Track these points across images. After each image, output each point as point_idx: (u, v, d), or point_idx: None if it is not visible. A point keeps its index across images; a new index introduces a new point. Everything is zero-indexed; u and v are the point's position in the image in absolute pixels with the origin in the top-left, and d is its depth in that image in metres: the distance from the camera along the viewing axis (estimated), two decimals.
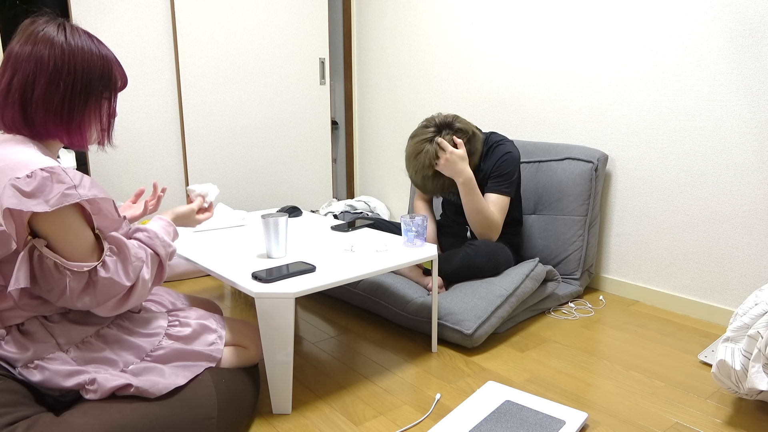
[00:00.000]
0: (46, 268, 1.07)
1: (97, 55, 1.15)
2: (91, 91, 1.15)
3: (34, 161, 1.06)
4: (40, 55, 1.09)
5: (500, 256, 2.00)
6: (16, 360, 1.11)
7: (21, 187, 1.01)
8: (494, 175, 2.03)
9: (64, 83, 1.11)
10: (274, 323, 1.35)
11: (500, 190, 2.02)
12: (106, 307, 1.14)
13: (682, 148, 2.06)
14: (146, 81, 2.65)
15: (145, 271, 1.19)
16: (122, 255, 1.14)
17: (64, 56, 1.11)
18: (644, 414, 1.44)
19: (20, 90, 1.10)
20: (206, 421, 1.21)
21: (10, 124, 1.12)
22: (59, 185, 1.04)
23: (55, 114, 1.12)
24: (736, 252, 1.97)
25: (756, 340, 1.29)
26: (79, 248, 1.09)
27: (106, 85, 1.18)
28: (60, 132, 1.15)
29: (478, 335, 1.74)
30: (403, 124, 3.23)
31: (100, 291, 1.11)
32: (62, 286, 1.08)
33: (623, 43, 2.17)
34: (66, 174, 1.06)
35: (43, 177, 1.04)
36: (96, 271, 1.10)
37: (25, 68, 1.09)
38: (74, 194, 1.06)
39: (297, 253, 1.64)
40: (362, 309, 2.17)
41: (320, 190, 3.40)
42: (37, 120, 1.12)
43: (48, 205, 1.03)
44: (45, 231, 1.06)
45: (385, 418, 1.42)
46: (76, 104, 1.14)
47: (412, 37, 3.07)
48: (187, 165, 2.83)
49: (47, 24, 1.12)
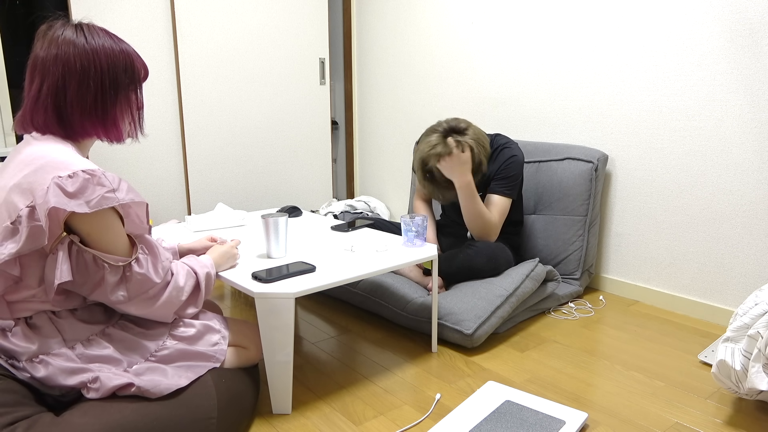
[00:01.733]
0: (83, 262, 1.13)
1: (118, 50, 1.21)
2: (119, 86, 1.21)
3: (75, 162, 1.11)
4: (66, 58, 1.14)
5: (501, 256, 2.00)
6: (21, 353, 1.12)
7: (65, 186, 1.07)
8: (498, 177, 2.04)
9: (93, 82, 1.17)
10: (274, 323, 1.35)
11: (502, 192, 2.03)
12: (137, 303, 1.19)
13: (682, 148, 2.06)
14: (146, 81, 2.65)
15: (180, 278, 1.26)
16: (153, 253, 1.21)
17: (89, 56, 1.16)
18: (644, 414, 1.44)
19: (53, 95, 1.15)
20: (206, 421, 1.22)
21: (43, 126, 1.17)
22: (100, 188, 1.10)
23: (91, 112, 1.18)
24: (736, 252, 1.97)
25: (756, 340, 1.29)
26: (116, 247, 1.15)
27: (131, 78, 1.24)
28: (97, 129, 1.21)
29: (478, 335, 1.74)
30: (403, 124, 3.23)
31: (133, 286, 1.17)
32: (98, 279, 1.14)
33: (623, 43, 2.17)
34: (106, 177, 1.12)
35: (85, 179, 1.09)
36: (130, 267, 1.16)
37: (54, 73, 1.14)
38: (113, 198, 1.12)
39: (297, 253, 1.64)
40: (362, 309, 2.17)
41: (320, 190, 3.40)
42: (74, 121, 1.17)
43: (88, 206, 1.09)
44: (85, 230, 1.12)
45: (385, 418, 1.42)
46: (108, 100, 1.20)
47: (412, 37, 3.07)
48: (187, 165, 2.83)
49: (65, 27, 1.17)
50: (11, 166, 1.13)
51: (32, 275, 1.12)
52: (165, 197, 2.80)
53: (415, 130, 3.16)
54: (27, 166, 1.09)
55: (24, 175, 1.09)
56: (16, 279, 1.11)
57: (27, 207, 1.07)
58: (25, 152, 1.12)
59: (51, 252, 1.11)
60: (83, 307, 1.21)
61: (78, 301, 1.19)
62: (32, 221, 1.07)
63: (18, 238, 1.07)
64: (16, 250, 1.07)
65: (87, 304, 1.22)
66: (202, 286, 1.32)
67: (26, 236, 1.07)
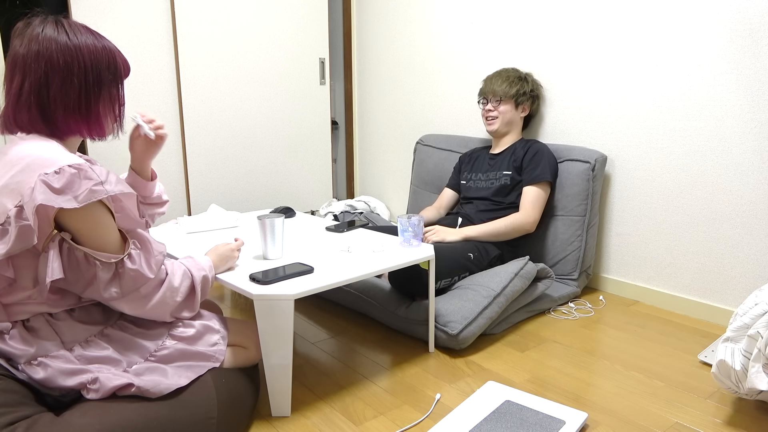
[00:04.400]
0: (74, 259, 1.11)
1: (101, 47, 1.19)
2: (102, 82, 1.19)
3: (61, 157, 1.09)
4: (48, 54, 1.12)
5: (458, 260, 2.01)
6: (19, 356, 1.12)
7: (51, 183, 1.05)
8: (527, 168, 2.19)
9: (77, 78, 1.15)
10: (273, 325, 1.35)
11: (530, 181, 2.17)
12: (130, 301, 1.18)
13: (682, 148, 2.06)
14: (146, 81, 2.65)
15: (175, 279, 1.24)
16: (145, 248, 1.20)
17: (72, 52, 1.14)
18: (644, 414, 1.44)
19: (35, 92, 1.12)
20: (206, 421, 1.22)
21: (28, 125, 1.15)
22: (87, 181, 1.08)
23: (74, 109, 1.16)
24: (736, 252, 1.97)
25: (756, 340, 1.29)
26: (107, 243, 1.14)
27: (114, 75, 1.22)
28: (81, 126, 1.19)
29: (464, 336, 1.74)
30: (403, 124, 3.23)
31: (125, 282, 1.15)
32: (90, 277, 1.13)
33: (623, 43, 2.17)
34: (93, 170, 1.10)
35: (71, 173, 1.07)
36: (123, 263, 1.15)
37: (36, 70, 1.12)
38: (101, 190, 1.10)
39: (292, 255, 1.64)
40: (353, 310, 2.16)
41: (320, 190, 3.40)
42: (57, 118, 1.15)
43: (77, 201, 1.07)
44: (74, 226, 1.11)
45: (385, 418, 1.42)
46: (92, 96, 1.18)
47: (412, 37, 3.07)
48: (187, 165, 2.83)
49: (45, 24, 1.14)
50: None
51: (26, 276, 1.11)
52: None
53: (415, 130, 3.16)
54: (14, 167, 1.08)
55: (11, 175, 1.07)
56: (10, 280, 1.10)
57: (15, 207, 1.06)
58: (11, 153, 1.10)
59: (43, 250, 1.10)
60: (81, 308, 1.20)
61: (73, 300, 1.18)
62: (20, 221, 1.05)
63: (7, 239, 1.06)
64: (5, 251, 1.05)
65: (84, 304, 1.21)
66: (198, 290, 1.31)
67: (15, 236, 1.05)
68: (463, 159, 2.46)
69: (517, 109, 2.28)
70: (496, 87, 2.27)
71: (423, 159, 2.84)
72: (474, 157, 2.40)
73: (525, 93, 2.28)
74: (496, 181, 2.22)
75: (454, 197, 2.46)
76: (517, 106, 2.28)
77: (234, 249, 1.50)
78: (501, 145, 2.32)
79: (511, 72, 2.31)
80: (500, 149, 2.31)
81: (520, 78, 2.30)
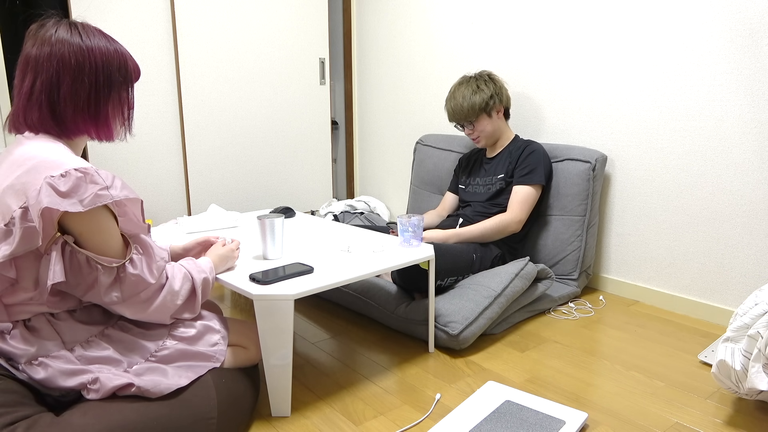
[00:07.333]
0: (76, 262, 1.11)
1: (113, 49, 1.21)
2: (112, 84, 1.21)
3: (67, 161, 1.09)
4: (60, 55, 1.13)
5: (463, 258, 2.02)
6: (20, 356, 1.12)
7: (57, 186, 1.06)
8: (518, 168, 2.18)
9: (88, 78, 1.16)
10: (272, 325, 1.35)
11: (521, 182, 2.16)
12: (131, 305, 1.18)
13: (682, 148, 2.06)
14: (146, 81, 2.65)
15: (175, 282, 1.24)
16: (147, 253, 1.20)
17: (84, 53, 1.15)
18: (644, 414, 1.44)
19: (46, 91, 1.14)
20: (206, 421, 1.22)
21: (37, 124, 1.16)
22: (93, 186, 1.09)
23: (83, 109, 1.17)
24: (736, 252, 1.97)
25: (756, 340, 1.29)
26: (109, 247, 1.14)
27: (125, 77, 1.23)
28: (89, 126, 1.20)
29: (464, 336, 1.74)
30: (403, 124, 3.23)
31: (127, 287, 1.16)
32: (91, 281, 1.13)
33: (623, 43, 2.17)
34: (99, 175, 1.11)
35: (77, 177, 1.08)
36: (124, 268, 1.15)
37: (48, 69, 1.13)
38: (107, 195, 1.11)
39: (292, 255, 1.64)
40: (352, 310, 2.16)
41: (320, 190, 3.40)
42: (66, 117, 1.16)
43: (82, 205, 1.07)
44: (78, 229, 1.11)
45: (385, 418, 1.42)
46: (102, 97, 1.19)
47: (412, 37, 3.07)
48: (187, 165, 2.83)
49: (58, 25, 1.16)
50: (3, 168, 1.12)
51: (28, 277, 1.11)
52: (165, 197, 2.80)
53: (415, 130, 3.16)
54: (19, 167, 1.08)
55: (17, 176, 1.08)
56: (12, 281, 1.11)
57: (20, 208, 1.06)
58: (17, 153, 1.11)
59: (45, 253, 1.10)
60: (81, 308, 1.20)
61: (74, 302, 1.19)
62: (25, 222, 1.06)
63: (12, 240, 1.06)
64: (9, 251, 1.06)
65: (84, 306, 1.21)
66: (198, 292, 1.31)
67: (20, 237, 1.06)
68: (461, 162, 2.46)
69: (491, 117, 2.21)
70: (461, 114, 2.20)
71: (423, 159, 2.84)
72: (471, 162, 2.40)
73: (490, 99, 2.17)
74: (492, 186, 2.22)
75: (456, 200, 2.47)
76: (489, 115, 2.20)
77: (233, 249, 1.50)
78: (495, 148, 2.31)
79: (464, 89, 2.19)
80: (495, 153, 2.30)
81: (474, 91, 2.18)
